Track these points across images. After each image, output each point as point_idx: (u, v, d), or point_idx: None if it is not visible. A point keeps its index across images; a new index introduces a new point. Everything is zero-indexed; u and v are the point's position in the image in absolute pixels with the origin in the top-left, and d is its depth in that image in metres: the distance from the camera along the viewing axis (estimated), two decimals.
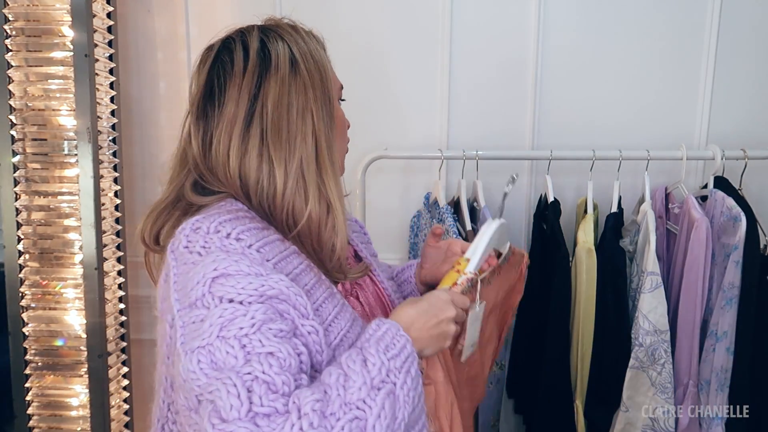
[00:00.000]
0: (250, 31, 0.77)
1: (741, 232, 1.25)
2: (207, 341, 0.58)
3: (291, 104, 0.72)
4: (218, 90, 0.74)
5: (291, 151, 0.72)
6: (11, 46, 1.44)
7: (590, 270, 1.33)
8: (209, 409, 0.54)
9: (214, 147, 0.73)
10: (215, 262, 0.63)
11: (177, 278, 0.65)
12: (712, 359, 1.29)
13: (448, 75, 1.61)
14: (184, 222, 0.69)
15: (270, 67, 0.73)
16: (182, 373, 0.58)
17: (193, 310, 0.61)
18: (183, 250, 0.66)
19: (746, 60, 1.56)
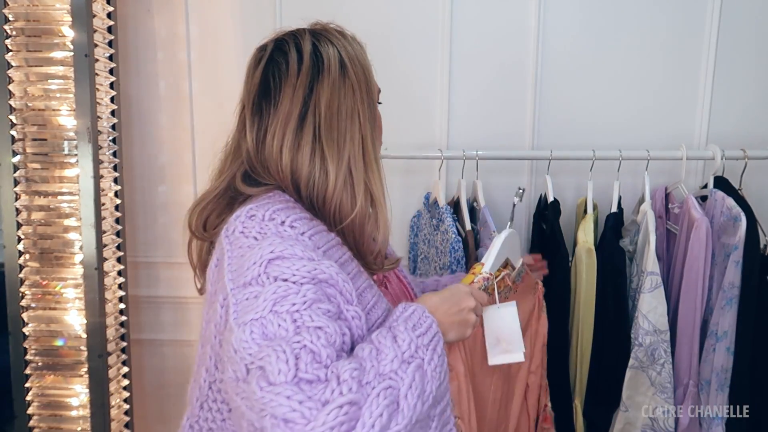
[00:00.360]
0: (302, 34, 0.82)
1: (741, 232, 1.25)
2: (260, 314, 0.62)
3: (341, 105, 0.78)
4: (273, 88, 0.78)
5: (341, 150, 0.77)
6: (11, 46, 1.44)
7: (590, 270, 1.33)
8: (257, 374, 0.58)
9: (267, 141, 0.77)
10: (272, 245, 0.67)
11: (231, 261, 0.69)
12: (712, 359, 1.29)
13: (448, 75, 1.61)
14: (239, 210, 0.74)
15: (322, 69, 0.78)
16: (234, 343, 0.61)
17: (246, 288, 0.65)
18: (239, 235, 0.71)
19: (746, 60, 1.56)
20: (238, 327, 0.62)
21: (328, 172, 0.76)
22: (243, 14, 1.64)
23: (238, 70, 1.67)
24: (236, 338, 0.61)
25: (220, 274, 0.71)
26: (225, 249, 0.71)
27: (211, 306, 0.72)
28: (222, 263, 0.71)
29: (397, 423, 0.58)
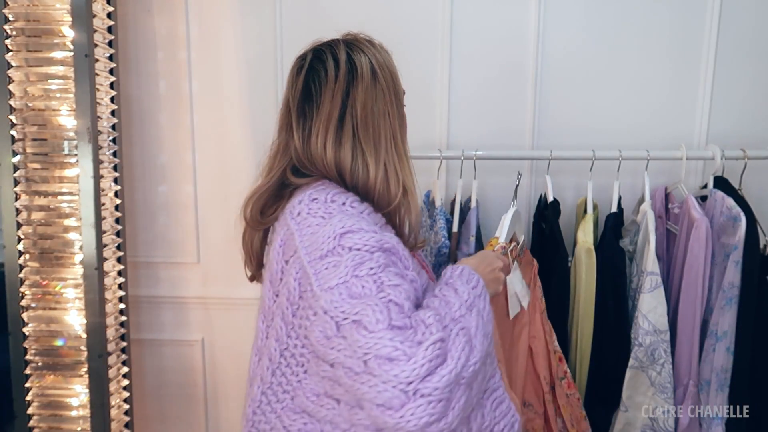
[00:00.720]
0: (336, 44, 0.92)
1: (741, 232, 1.25)
2: (344, 279, 0.73)
3: (374, 107, 0.89)
4: (314, 93, 0.89)
5: (377, 145, 0.89)
6: (11, 46, 1.44)
7: (590, 270, 1.33)
8: (354, 327, 0.69)
9: (312, 140, 0.88)
10: (341, 221, 0.79)
11: (303, 238, 0.80)
12: (712, 359, 1.29)
13: (448, 75, 1.61)
14: (299, 196, 0.86)
15: (356, 75, 0.89)
16: (324, 305, 0.72)
17: (324, 259, 0.76)
18: (306, 216, 0.82)
19: (746, 60, 1.56)
20: (325, 292, 0.73)
21: (368, 165, 0.87)
22: (243, 14, 1.64)
23: (238, 70, 1.67)
24: (326, 301, 0.72)
25: (289, 251, 0.82)
26: (293, 230, 0.82)
27: (278, 282, 0.83)
28: (290, 242, 0.82)
29: (474, 356, 0.71)
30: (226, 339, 1.77)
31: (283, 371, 0.83)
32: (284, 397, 0.83)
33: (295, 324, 0.80)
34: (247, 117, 1.68)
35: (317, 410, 0.79)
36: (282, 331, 0.82)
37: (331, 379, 0.74)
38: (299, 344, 0.81)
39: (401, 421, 0.65)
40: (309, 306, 0.76)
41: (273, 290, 0.85)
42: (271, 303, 0.85)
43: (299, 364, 0.81)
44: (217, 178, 1.72)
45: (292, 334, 0.81)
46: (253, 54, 1.65)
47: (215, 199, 1.73)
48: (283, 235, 0.84)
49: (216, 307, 1.77)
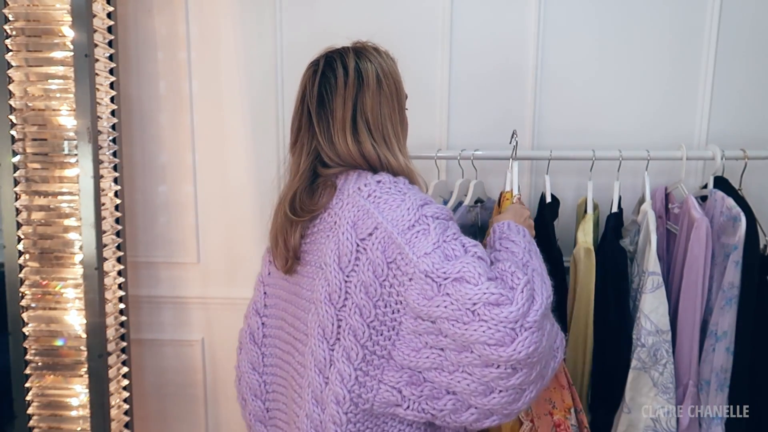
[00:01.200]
0: (346, 52, 1.01)
1: (741, 232, 1.25)
2: (438, 244, 0.83)
3: (381, 111, 0.99)
4: (327, 100, 0.98)
5: (389, 144, 0.99)
6: (11, 46, 1.44)
7: (588, 270, 1.33)
8: (457, 284, 0.80)
9: (335, 140, 0.98)
10: (416, 195, 0.90)
11: (384, 214, 0.88)
12: (711, 359, 1.29)
13: (448, 75, 1.61)
14: (361, 181, 0.94)
15: (363, 83, 0.98)
16: (426, 269, 0.82)
17: (413, 229, 0.86)
18: (380, 194, 0.91)
19: (746, 60, 1.56)
20: (424, 257, 0.82)
21: (390, 160, 0.98)
22: (243, 14, 1.64)
23: (237, 70, 1.67)
24: (427, 265, 0.82)
25: (366, 228, 0.89)
26: (369, 208, 0.90)
27: (353, 261, 0.89)
28: (366, 220, 0.89)
29: (548, 291, 0.85)
30: (226, 339, 1.77)
31: (374, 340, 0.88)
32: (381, 363, 0.89)
33: (383, 294, 0.87)
34: (247, 117, 1.68)
35: (418, 362, 0.86)
36: (369, 304, 0.88)
37: (433, 333, 0.83)
38: (389, 311, 0.87)
39: (514, 353, 0.78)
40: (402, 273, 0.84)
41: (343, 272, 0.90)
42: (342, 284, 0.90)
43: (390, 329, 0.88)
44: (217, 178, 1.72)
45: (379, 304, 0.87)
46: (253, 54, 1.65)
47: (215, 199, 1.73)
48: (353, 217, 0.91)
49: (216, 307, 1.77)
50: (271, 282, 1.14)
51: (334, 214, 0.95)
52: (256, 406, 1.12)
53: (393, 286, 0.86)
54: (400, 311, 0.87)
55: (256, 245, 1.69)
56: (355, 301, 0.89)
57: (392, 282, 0.86)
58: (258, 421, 1.13)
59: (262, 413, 1.12)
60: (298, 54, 1.63)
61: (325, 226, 0.97)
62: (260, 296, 1.15)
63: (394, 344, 0.88)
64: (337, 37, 1.06)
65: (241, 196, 1.72)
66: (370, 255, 0.87)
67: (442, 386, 0.86)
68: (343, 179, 0.98)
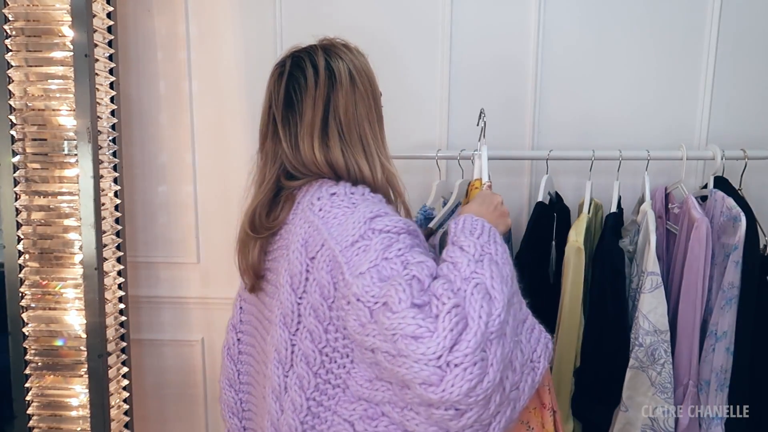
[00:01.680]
0: (315, 51, 0.93)
1: (741, 232, 1.25)
2: (374, 263, 0.74)
3: (356, 111, 0.91)
4: (296, 101, 0.91)
5: (366, 147, 0.91)
6: (11, 46, 1.44)
7: (577, 269, 1.33)
8: (382, 310, 0.70)
9: (300, 146, 0.90)
10: (367, 207, 0.81)
11: (330, 230, 0.81)
12: (711, 359, 1.29)
13: (448, 75, 1.61)
14: (314, 193, 0.87)
15: (336, 82, 0.90)
16: (357, 292, 0.72)
17: (354, 245, 0.77)
18: (330, 209, 0.83)
19: (746, 60, 1.56)
20: (357, 278, 0.73)
21: (360, 166, 0.90)
22: (243, 14, 1.64)
23: (237, 70, 1.67)
24: (357, 287, 0.72)
25: (315, 246, 0.82)
26: (318, 224, 0.83)
27: (304, 282, 0.83)
28: (315, 237, 0.82)
29: (496, 308, 0.70)
30: None
31: (327, 368, 0.82)
32: (335, 393, 0.82)
33: (332, 317, 0.80)
34: (247, 117, 1.68)
35: (374, 395, 0.78)
36: (318, 329, 0.81)
37: (377, 364, 0.74)
38: (340, 336, 0.80)
39: (444, 394, 0.66)
40: (342, 296, 0.76)
41: (296, 293, 0.83)
42: (295, 307, 0.83)
43: (344, 355, 0.81)
44: (217, 178, 1.72)
45: (330, 329, 0.81)
46: (253, 54, 1.65)
47: (215, 199, 1.73)
48: (303, 234, 0.84)
49: (216, 307, 1.77)
50: (246, 297, 1.08)
51: (289, 230, 0.88)
52: (233, 423, 1.08)
53: (339, 310, 0.78)
54: (348, 337, 0.79)
55: None
56: (306, 324, 0.82)
57: (338, 305, 0.78)
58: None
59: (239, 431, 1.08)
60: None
61: (283, 244, 0.90)
62: (237, 311, 1.11)
63: (350, 373, 0.80)
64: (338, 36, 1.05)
65: (242, 196, 1.71)
66: (317, 275, 0.80)
67: (397, 423, 0.76)
68: (304, 191, 0.90)
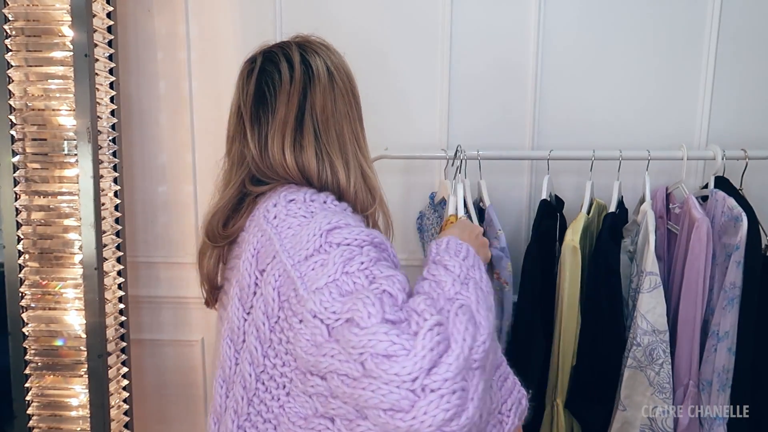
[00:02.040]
0: (288, 46, 0.87)
1: (742, 232, 1.25)
2: (333, 277, 0.66)
3: (335, 109, 0.84)
4: (269, 96, 0.84)
5: (343, 149, 0.84)
6: (11, 46, 1.44)
7: (574, 268, 1.33)
8: (346, 327, 0.61)
9: (269, 146, 0.82)
10: (326, 218, 0.72)
11: (283, 241, 0.72)
12: (713, 359, 1.29)
13: (448, 74, 1.61)
14: (271, 199, 0.79)
15: (313, 77, 0.84)
16: (314, 308, 0.64)
17: (309, 260, 0.69)
18: (284, 218, 0.75)
19: (746, 60, 1.56)
20: (314, 293, 0.65)
21: (336, 169, 0.82)
22: (243, 14, 1.64)
23: (237, 70, 1.66)
24: (314, 303, 0.64)
25: (266, 258, 0.74)
26: (270, 234, 0.74)
27: (251, 296, 0.75)
28: (267, 248, 0.74)
29: (481, 334, 0.62)
30: None
31: (261, 398, 0.74)
32: (265, 428, 0.74)
33: (273, 340, 0.71)
34: None
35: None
36: (257, 351, 0.73)
37: (323, 394, 0.66)
38: (279, 363, 0.72)
39: (414, 423, 0.56)
40: (293, 314, 0.68)
41: (243, 308, 0.76)
42: (241, 323, 0.76)
43: (280, 386, 0.72)
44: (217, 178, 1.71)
45: (269, 353, 0.72)
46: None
47: None
48: (256, 244, 0.76)
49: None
50: None
51: (243, 238, 0.81)
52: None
53: (283, 331, 0.70)
54: (291, 364, 0.70)
55: None
56: (248, 344, 0.75)
57: (282, 326, 0.70)
58: None
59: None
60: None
61: (238, 252, 0.82)
62: None
63: (283, 407, 0.72)
64: (337, 39, 1.05)
65: None
66: (264, 292, 0.72)
67: None
68: (266, 197, 0.82)
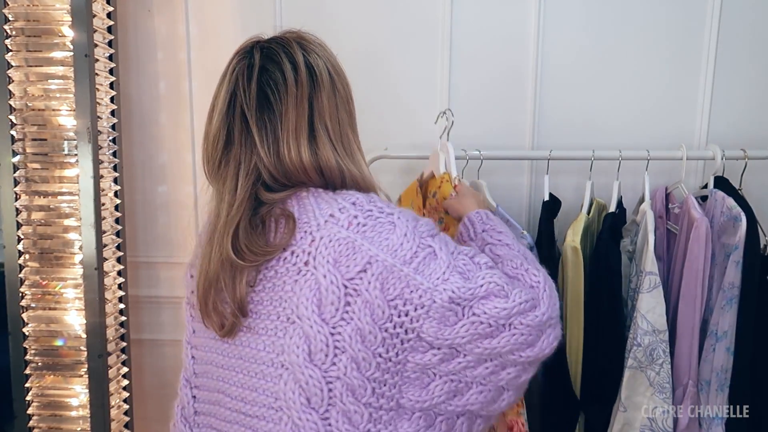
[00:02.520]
0: (289, 44, 0.83)
1: (741, 232, 1.25)
2: (450, 265, 0.75)
3: (338, 114, 0.84)
4: (274, 101, 0.80)
5: (351, 153, 0.86)
6: (11, 46, 1.44)
7: (576, 268, 1.33)
8: (486, 302, 0.74)
9: (283, 152, 0.79)
10: (402, 214, 0.78)
11: (378, 244, 0.75)
12: (712, 359, 1.29)
13: (448, 75, 1.61)
14: (331, 203, 0.78)
15: (318, 82, 0.82)
16: (450, 294, 0.73)
17: (418, 255, 0.75)
18: (364, 221, 0.76)
19: (746, 60, 1.56)
20: (443, 283, 0.73)
21: (352, 170, 0.84)
22: (243, 14, 1.64)
23: None
24: (449, 290, 0.73)
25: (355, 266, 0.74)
26: (353, 241, 0.75)
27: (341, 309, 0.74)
28: (352, 256, 0.74)
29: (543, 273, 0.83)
30: None
31: (378, 393, 0.76)
32: (390, 417, 0.77)
33: (385, 337, 0.74)
34: None
35: (431, 399, 0.77)
36: (368, 354, 0.74)
37: (446, 359, 0.75)
38: (393, 355, 0.75)
39: (540, 352, 0.77)
40: (415, 306, 0.73)
41: (328, 324, 0.74)
42: (328, 338, 0.74)
43: (394, 374, 0.76)
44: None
45: (379, 351, 0.74)
46: None
47: None
48: (333, 254, 0.74)
49: None
50: (198, 344, 0.91)
51: (301, 252, 0.76)
52: None
53: (400, 326, 0.74)
54: (405, 350, 0.75)
55: None
56: (350, 354, 0.74)
57: (398, 321, 0.73)
58: None
59: None
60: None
61: (289, 269, 0.77)
62: (189, 362, 0.94)
63: (400, 390, 0.76)
64: (338, 40, 1.05)
65: None
66: (365, 296, 0.73)
67: (453, 414, 0.78)
68: (296, 205, 0.80)
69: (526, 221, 1.65)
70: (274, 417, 0.78)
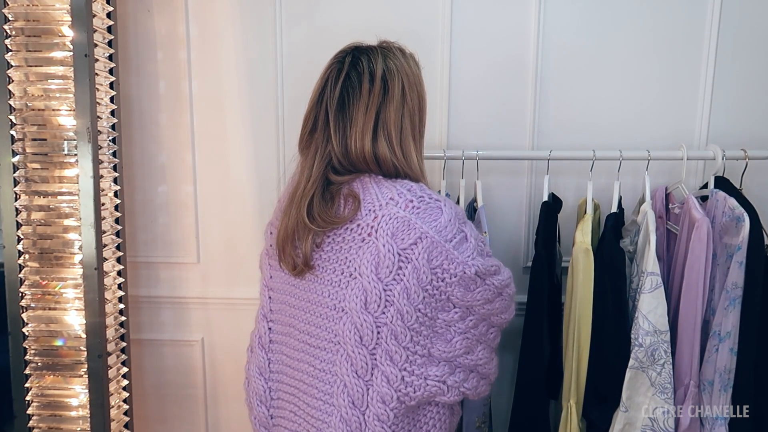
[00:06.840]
0: (373, 54, 1.01)
1: (744, 232, 1.24)
2: (476, 247, 0.97)
3: (401, 125, 1.00)
4: (348, 105, 0.98)
5: (408, 150, 1.01)
6: (11, 46, 1.44)
7: (587, 270, 1.33)
8: (494, 276, 1.00)
9: (350, 146, 0.98)
10: (448, 202, 0.98)
11: (429, 224, 0.93)
12: (715, 359, 1.29)
13: (448, 74, 1.61)
14: (390, 189, 0.96)
15: (388, 94, 0.98)
16: (477, 270, 0.96)
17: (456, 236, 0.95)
18: (418, 204, 0.95)
19: (746, 60, 1.56)
20: (474, 260, 0.96)
21: (403, 164, 1.00)
22: (243, 14, 1.64)
23: (237, 70, 1.67)
24: (477, 266, 0.96)
25: (408, 238, 0.92)
26: (409, 219, 0.93)
27: (393, 270, 0.92)
28: (407, 231, 0.92)
29: None
30: (226, 339, 1.77)
31: (415, 341, 0.95)
32: (423, 361, 0.96)
33: (425, 296, 0.93)
34: (247, 117, 1.68)
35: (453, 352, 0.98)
36: (410, 309, 0.93)
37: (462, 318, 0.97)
38: (429, 311, 0.95)
39: (510, 316, 1.07)
40: (451, 275, 0.94)
41: (382, 282, 0.92)
42: (381, 293, 0.93)
43: (428, 327, 0.96)
44: (217, 178, 1.72)
45: (419, 307, 0.94)
46: (253, 54, 1.65)
47: (215, 199, 1.73)
48: (392, 229, 0.92)
49: (216, 307, 1.77)
50: (275, 286, 1.11)
51: (366, 225, 0.95)
52: (261, 412, 1.13)
53: (437, 288, 0.94)
54: (437, 309, 0.95)
55: (256, 245, 1.69)
56: (397, 307, 0.92)
57: (436, 285, 0.94)
58: (262, 426, 1.13)
59: (266, 419, 1.13)
60: (298, 54, 1.63)
61: (354, 237, 0.96)
62: (266, 301, 1.13)
63: (431, 341, 0.96)
64: (338, 37, 1.05)
65: (241, 196, 1.71)
66: (415, 263, 0.92)
67: (467, 367, 1.00)
68: (360, 188, 0.98)
69: (526, 221, 1.64)
70: (332, 349, 0.98)
